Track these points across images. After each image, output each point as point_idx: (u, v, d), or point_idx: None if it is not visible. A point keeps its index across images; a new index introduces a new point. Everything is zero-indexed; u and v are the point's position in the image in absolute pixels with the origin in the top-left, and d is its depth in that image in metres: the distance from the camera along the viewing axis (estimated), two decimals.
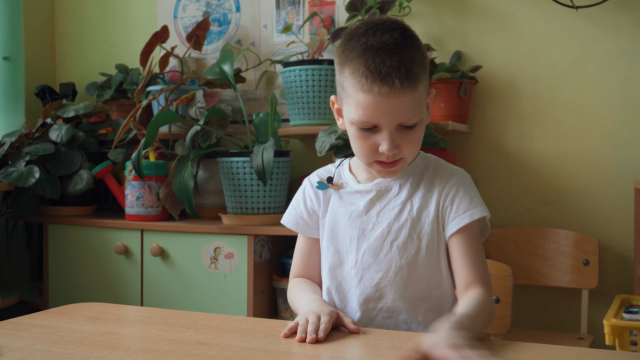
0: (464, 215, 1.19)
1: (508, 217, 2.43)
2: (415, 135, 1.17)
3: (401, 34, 1.15)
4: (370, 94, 1.12)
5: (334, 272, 1.26)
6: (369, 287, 1.22)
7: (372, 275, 1.22)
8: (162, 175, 2.44)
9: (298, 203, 1.34)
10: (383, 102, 1.11)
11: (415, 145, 1.18)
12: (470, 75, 2.37)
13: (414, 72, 1.12)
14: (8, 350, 1.00)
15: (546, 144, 2.38)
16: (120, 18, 3.06)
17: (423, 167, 1.26)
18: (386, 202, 1.24)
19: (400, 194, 1.23)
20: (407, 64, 1.12)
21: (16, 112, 2.99)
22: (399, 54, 1.12)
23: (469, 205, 1.20)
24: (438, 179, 1.23)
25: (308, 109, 2.34)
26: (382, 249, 1.22)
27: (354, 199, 1.26)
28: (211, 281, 2.28)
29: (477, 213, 1.19)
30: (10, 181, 2.42)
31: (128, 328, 1.19)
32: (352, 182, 1.28)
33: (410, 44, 1.15)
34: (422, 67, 1.15)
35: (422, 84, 1.15)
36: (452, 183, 1.22)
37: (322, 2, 2.65)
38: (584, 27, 2.33)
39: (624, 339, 1.60)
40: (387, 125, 1.14)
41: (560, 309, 2.36)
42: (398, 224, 1.21)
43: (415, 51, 1.14)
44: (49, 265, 2.55)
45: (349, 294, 1.25)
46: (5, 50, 2.98)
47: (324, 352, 1.00)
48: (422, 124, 1.18)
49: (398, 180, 1.24)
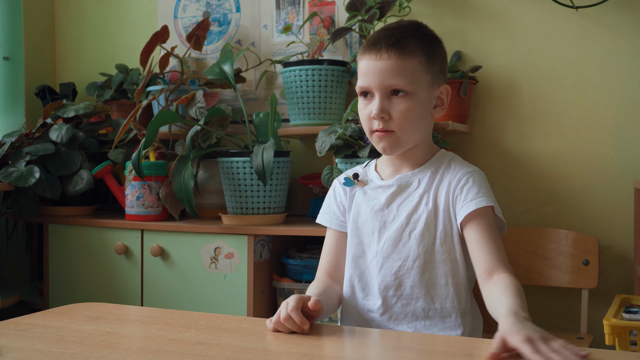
0: (470, 202, 1.26)
1: (508, 217, 2.42)
2: (404, 105, 1.26)
3: (411, 24, 1.32)
4: (362, 60, 1.29)
5: (357, 262, 1.35)
6: (388, 275, 1.31)
7: (391, 264, 1.31)
8: (162, 175, 2.44)
9: (330, 202, 1.45)
10: (372, 65, 1.27)
11: (405, 117, 1.27)
12: (470, 75, 2.37)
13: (405, 44, 1.26)
14: (8, 350, 1.00)
15: (546, 144, 2.38)
16: (120, 18, 3.06)
17: (440, 162, 1.35)
18: (406, 196, 1.32)
19: (419, 188, 1.32)
20: (400, 36, 1.27)
21: (16, 112, 2.99)
22: (396, 30, 1.29)
23: (477, 194, 1.27)
24: (452, 171, 1.32)
25: (308, 109, 2.34)
26: (401, 239, 1.31)
27: (376, 194, 1.36)
28: (211, 281, 2.28)
29: (483, 202, 1.26)
30: (11, 181, 2.42)
31: (128, 328, 1.19)
32: (376, 179, 1.38)
33: (414, 29, 1.30)
34: (419, 47, 1.28)
35: (416, 59, 1.27)
36: (463, 174, 1.31)
37: (322, 2, 2.65)
38: (584, 27, 2.33)
39: (623, 339, 1.60)
40: (377, 87, 1.27)
41: (560, 309, 2.36)
42: (416, 215, 1.30)
43: (418, 35, 1.29)
44: (49, 265, 2.55)
45: (371, 282, 1.33)
46: (6, 50, 2.99)
47: (324, 352, 1.00)
48: (414, 98, 1.27)
49: (417, 176, 1.33)
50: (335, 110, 2.37)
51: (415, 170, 1.34)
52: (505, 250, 1.27)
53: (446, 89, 1.33)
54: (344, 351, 1.03)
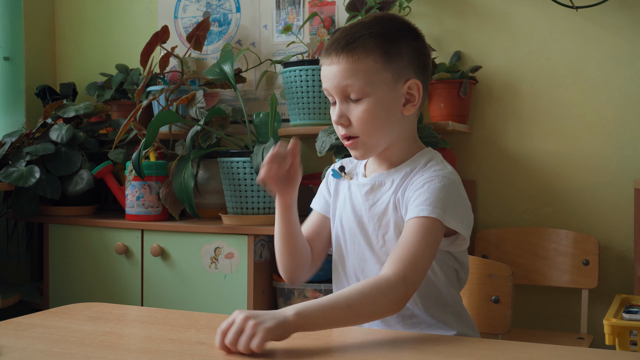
0: (414, 209, 1.16)
1: (508, 217, 2.43)
2: (361, 108, 1.20)
3: (372, 19, 1.24)
4: (322, 66, 1.25)
5: (341, 257, 1.32)
6: (369, 276, 1.24)
7: (370, 267, 1.26)
8: (162, 175, 2.44)
9: (322, 187, 1.41)
10: (326, 70, 1.23)
11: (366, 122, 1.20)
12: (470, 75, 2.37)
13: (355, 46, 1.19)
14: (8, 350, 1.00)
15: (546, 144, 2.38)
16: (120, 18, 3.06)
17: (417, 162, 1.25)
18: (378, 197, 1.27)
19: (390, 189, 1.25)
20: (352, 38, 1.20)
21: (16, 112, 2.99)
22: (351, 30, 1.22)
23: (424, 202, 1.16)
24: (421, 173, 1.23)
25: (308, 109, 2.34)
26: (377, 241, 1.26)
27: (356, 191, 1.31)
28: (211, 281, 2.28)
29: (424, 211, 1.14)
30: (11, 181, 2.42)
31: (128, 328, 1.19)
32: (360, 175, 1.33)
33: (371, 26, 1.22)
34: (376, 46, 1.19)
35: (370, 59, 1.19)
36: (427, 177, 1.20)
37: (322, 2, 2.65)
38: (584, 27, 2.33)
39: (624, 339, 1.60)
40: (335, 93, 1.22)
41: (560, 309, 2.36)
42: (386, 219, 1.24)
43: (373, 31, 1.20)
44: (49, 265, 2.55)
45: (354, 280, 1.29)
46: (6, 50, 2.99)
47: (324, 352, 1.01)
48: (372, 100, 1.20)
49: (392, 176, 1.26)
50: None
51: (391, 170, 1.27)
52: (505, 250, 1.25)
53: (415, 83, 1.22)
54: (344, 351, 1.03)
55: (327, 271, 2.27)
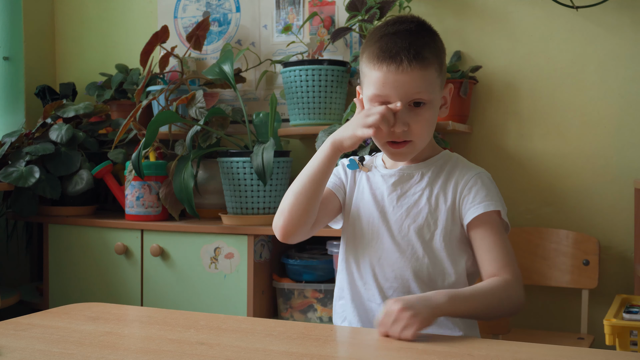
0: (478, 205, 1.26)
1: (508, 217, 2.42)
2: (424, 115, 1.24)
3: (417, 25, 1.27)
4: (380, 71, 1.22)
5: (355, 248, 1.34)
6: (385, 265, 1.29)
7: (389, 255, 1.29)
8: (162, 175, 2.44)
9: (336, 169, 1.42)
10: (392, 77, 1.21)
11: (425, 127, 1.25)
12: (470, 75, 2.37)
13: (424, 55, 1.22)
14: (8, 350, 1.00)
15: (546, 144, 2.38)
16: (120, 18, 3.06)
17: (445, 161, 1.33)
18: (407, 188, 1.31)
19: (421, 182, 1.31)
20: (418, 47, 1.22)
21: (16, 112, 2.99)
22: (410, 38, 1.23)
23: (485, 197, 1.26)
24: (458, 171, 1.31)
25: (308, 109, 2.34)
26: (400, 230, 1.29)
27: (379, 183, 1.34)
28: (211, 281, 2.28)
29: (491, 205, 1.26)
30: (10, 181, 2.42)
31: (128, 328, 1.19)
32: (380, 167, 1.36)
33: (424, 33, 1.27)
34: (434, 54, 1.25)
35: (433, 68, 1.24)
36: (471, 175, 1.29)
37: (322, 2, 2.65)
38: (584, 27, 2.33)
39: (624, 339, 1.60)
40: (403, 100, 1.22)
41: (560, 309, 2.36)
42: (416, 209, 1.29)
43: (428, 39, 1.26)
44: (49, 265, 2.55)
45: (368, 271, 1.32)
46: (5, 50, 2.98)
47: (324, 352, 1.00)
48: (432, 107, 1.25)
49: (420, 169, 1.31)
50: (335, 110, 2.37)
51: (419, 163, 1.32)
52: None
53: (449, 87, 1.31)
54: (344, 351, 1.03)
55: (327, 271, 2.28)
